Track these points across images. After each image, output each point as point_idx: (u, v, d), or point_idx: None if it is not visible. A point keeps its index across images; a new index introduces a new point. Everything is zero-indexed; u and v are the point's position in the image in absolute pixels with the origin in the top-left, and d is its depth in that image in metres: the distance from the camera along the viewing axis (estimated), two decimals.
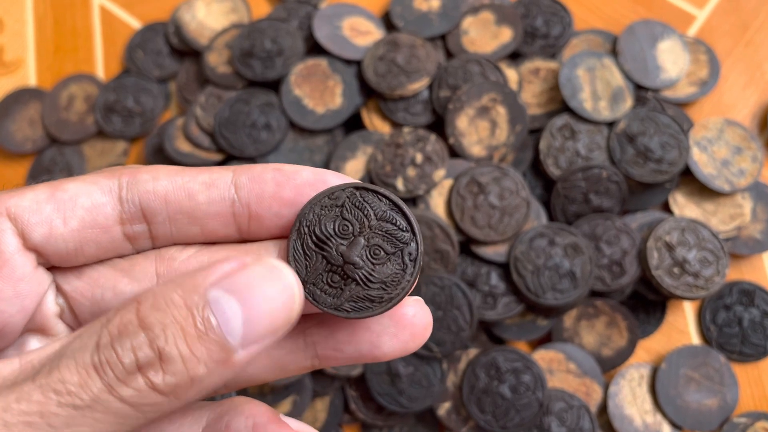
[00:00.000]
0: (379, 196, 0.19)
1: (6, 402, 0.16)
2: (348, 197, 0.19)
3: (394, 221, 0.19)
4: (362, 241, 0.19)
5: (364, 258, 0.19)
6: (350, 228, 0.19)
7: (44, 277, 0.21)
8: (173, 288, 0.16)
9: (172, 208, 0.20)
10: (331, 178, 0.19)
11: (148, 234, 0.21)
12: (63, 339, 0.17)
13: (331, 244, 0.19)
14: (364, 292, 0.19)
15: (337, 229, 0.19)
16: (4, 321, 0.20)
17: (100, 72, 0.47)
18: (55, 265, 0.21)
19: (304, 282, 0.19)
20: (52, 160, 0.44)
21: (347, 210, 0.19)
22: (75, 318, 0.21)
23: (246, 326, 0.16)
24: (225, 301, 0.16)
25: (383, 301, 0.19)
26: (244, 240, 0.21)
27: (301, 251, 0.19)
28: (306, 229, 0.19)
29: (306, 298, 0.19)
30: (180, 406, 0.17)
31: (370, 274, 0.19)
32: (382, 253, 0.19)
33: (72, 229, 0.20)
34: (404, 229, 0.19)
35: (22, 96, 0.46)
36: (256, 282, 0.17)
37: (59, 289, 0.22)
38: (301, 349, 0.21)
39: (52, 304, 0.21)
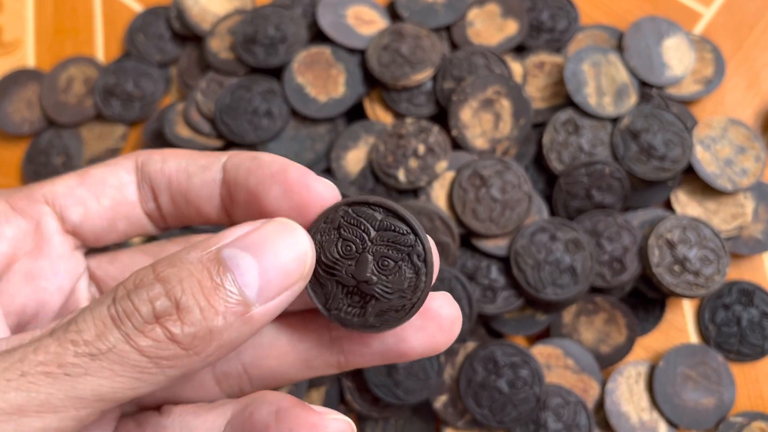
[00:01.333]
0: (372, 207, 0.19)
1: (23, 353, 0.16)
2: (342, 217, 0.19)
3: (393, 228, 0.19)
4: (369, 257, 0.19)
5: (376, 272, 0.19)
6: (353, 247, 0.19)
7: (80, 260, 0.22)
8: (188, 249, 0.17)
9: (173, 189, 0.21)
10: (293, 174, 0.19)
11: (158, 213, 0.22)
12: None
13: (339, 268, 0.19)
14: (386, 305, 0.19)
15: (341, 252, 0.19)
16: (44, 299, 0.21)
17: (100, 55, 0.46)
18: (90, 247, 0.22)
19: (328, 309, 0.19)
20: (49, 142, 0.44)
21: (345, 230, 0.19)
22: None
23: (261, 278, 0.17)
24: (240, 257, 0.17)
25: (406, 308, 0.19)
26: (232, 224, 0.21)
27: (316, 282, 0.19)
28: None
29: (334, 323, 0.19)
30: (200, 366, 0.17)
31: (386, 287, 0.19)
32: (391, 262, 0.19)
33: (105, 207, 0.21)
34: (405, 232, 0.19)
35: (20, 77, 0.45)
36: (268, 238, 0.17)
37: (92, 277, 0.23)
38: (326, 345, 0.21)
39: (85, 292, 0.22)
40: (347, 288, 0.19)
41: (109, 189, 0.21)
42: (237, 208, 0.20)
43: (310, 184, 0.19)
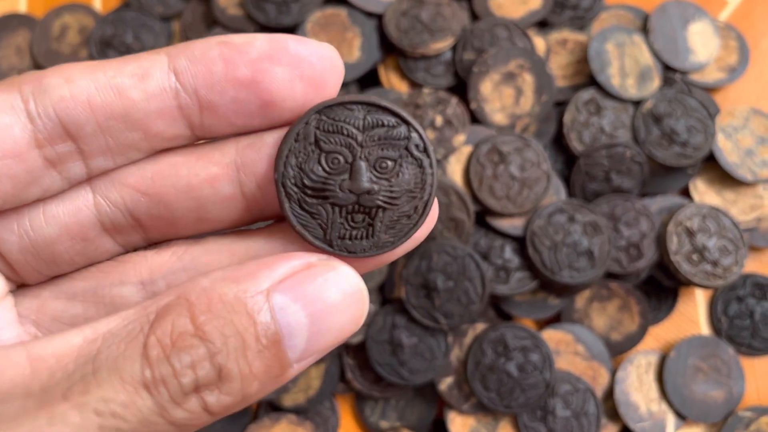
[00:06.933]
0: (348, 106, 0.16)
1: (36, 425, 0.13)
2: (317, 127, 0.16)
3: (380, 123, 0.16)
4: (362, 163, 0.16)
5: (375, 179, 0.16)
6: (341, 159, 0.16)
7: None
8: (229, 286, 0.14)
9: (100, 115, 0.16)
10: (292, 45, 0.16)
11: (77, 154, 0.16)
12: (82, 332, 0.14)
13: (332, 187, 0.16)
14: (396, 212, 0.16)
15: (328, 167, 0.16)
16: None
17: (98, 3, 0.44)
18: None
19: (329, 242, 0.16)
20: None
21: (325, 141, 0.16)
22: (2, 258, 0.18)
23: (309, 342, 0.14)
24: (291, 312, 0.14)
25: (418, 209, 0.16)
26: (198, 138, 0.17)
27: (304, 212, 0.16)
28: (294, 187, 0.16)
29: (341, 255, 0.16)
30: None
31: (392, 191, 0.16)
32: (389, 163, 0.16)
33: None
34: (395, 124, 0.16)
35: (10, 22, 0.43)
36: (327, 291, 0.15)
37: None
38: None
39: None
40: (345, 208, 0.16)
41: None
42: (215, 113, 0.16)
43: (322, 54, 0.16)
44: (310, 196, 0.16)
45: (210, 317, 0.14)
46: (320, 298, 0.14)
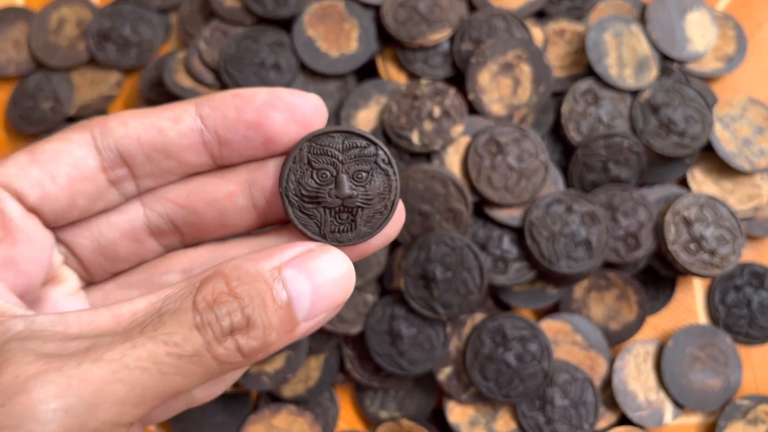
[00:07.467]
0: (330, 135, 0.22)
1: (123, 349, 0.17)
2: (308, 152, 0.21)
3: (355, 145, 0.21)
4: (344, 176, 0.21)
5: (354, 187, 0.21)
6: (328, 173, 0.21)
7: (49, 233, 0.22)
8: (252, 263, 0.19)
9: (147, 148, 0.22)
10: (286, 96, 0.22)
11: (130, 176, 0.22)
12: (147, 298, 0.19)
13: (322, 194, 0.21)
14: (371, 210, 0.22)
15: (318, 180, 0.21)
16: (30, 282, 0.21)
17: None
18: (50, 226, 0.22)
19: (324, 235, 0.22)
20: (37, 86, 0.41)
21: (315, 162, 0.21)
22: (77, 259, 0.24)
23: (312, 304, 0.20)
24: (298, 281, 0.19)
25: (387, 206, 0.22)
26: (218, 165, 0.23)
27: (303, 215, 0.22)
28: (294, 197, 0.22)
29: (334, 245, 0.22)
30: (244, 367, 0.21)
31: (367, 195, 0.22)
32: (364, 174, 0.21)
33: (61, 186, 0.21)
34: (366, 145, 0.22)
35: (7, 15, 0.42)
36: (324, 266, 0.20)
37: (58, 240, 0.23)
38: None
39: (57, 255, 0.23)
40: (334, 210, 0.22)
41: (63, 167, 0.21)
42: (230, 147, 0.22)
43: (309, 102, 0.22)
44: (306, 202, 0.22)
45: (239, 283, 0.18)
46: (319, 272, 0.20)
